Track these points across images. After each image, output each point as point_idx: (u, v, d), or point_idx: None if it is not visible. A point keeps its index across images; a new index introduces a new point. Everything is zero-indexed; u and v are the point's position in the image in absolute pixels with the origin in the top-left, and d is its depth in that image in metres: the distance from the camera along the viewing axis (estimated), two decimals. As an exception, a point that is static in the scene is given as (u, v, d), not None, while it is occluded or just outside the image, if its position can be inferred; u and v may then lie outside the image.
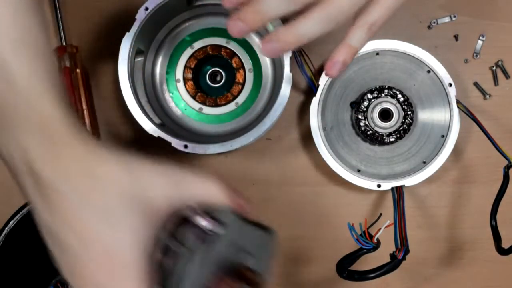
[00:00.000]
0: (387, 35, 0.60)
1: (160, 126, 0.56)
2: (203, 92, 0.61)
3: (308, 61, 0.58)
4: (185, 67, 0.61)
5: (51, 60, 0.37)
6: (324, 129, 0.59)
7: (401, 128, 0.59)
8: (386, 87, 0.59)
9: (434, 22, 0.63)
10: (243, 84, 0.61)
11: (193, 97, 0.61)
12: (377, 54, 0.59)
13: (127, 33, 0.54)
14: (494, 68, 0.63)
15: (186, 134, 0.61)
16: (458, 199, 0.64)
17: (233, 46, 0.61)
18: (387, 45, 0.58)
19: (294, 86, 0.62)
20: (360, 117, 0.59)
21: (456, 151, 0.62)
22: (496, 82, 0.63)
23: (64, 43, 0.61)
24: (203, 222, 0.36)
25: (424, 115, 0.60)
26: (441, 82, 0.59)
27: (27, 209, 0.57)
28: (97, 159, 0.35)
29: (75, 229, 0.34)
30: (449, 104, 0.59)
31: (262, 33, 0.60)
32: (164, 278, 0.36)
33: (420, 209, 0.64)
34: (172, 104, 0.61)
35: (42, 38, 0.37)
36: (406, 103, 0.59)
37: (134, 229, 0.34)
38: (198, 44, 0.61)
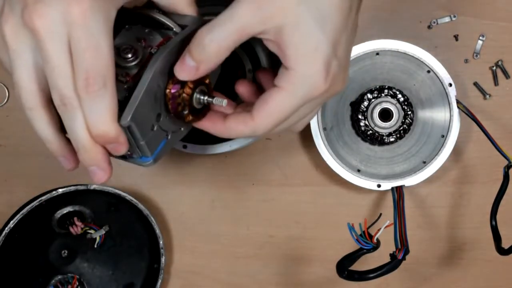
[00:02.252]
0: (387, 35, 0.60)
1: (160, 126, 0.56)
2: (203, 92, 0.61)
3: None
4: (185, 67, 0.61)
5: None
6: (324, 129, 0.59)
7: (401, 128, 0.59)
8: (386, 87, 0.59)
9: (434, 22, 0.63)
10: (243, 84, 0.61)
11: (193, 97, 0.61)
12: (377, 54, 0.59)
13: (127, 33, 0.54)
14: (494, 68, 0.63)
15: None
16: (458, 199, 0.64)
17: (233, 46, 0.61)
18: (387, 45, 0.58)
19: (294, 86, 0.62)
20: (360, 117, 0.59)
21: (456, 151, 0.62)
22: (496, 82, 0.63)
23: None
24: (165, 20, 0.38)
25: (424, 115, 0.60)
26: (441, 82, 0.59)
27: (27, 209, 0.57)
28: None
29: None
30: (449, 104, 0.59)
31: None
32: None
33: (420, 209, 0.64)
34: (172, 104, 0.61)
35: None
36: (406, 103, 0.59)
37: None
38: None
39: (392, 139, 0.59)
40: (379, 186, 0.58)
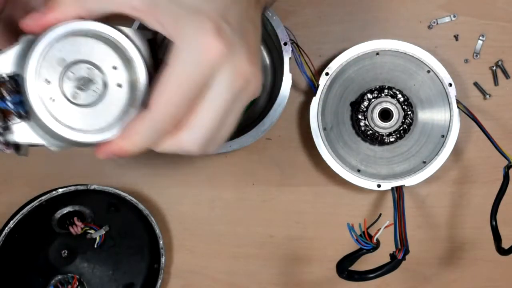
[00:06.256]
0: (387, 35, 0.60)
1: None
2: (203, 92, 0.61)
3: (308, 61, 0.58)
4: (185, 67, 0.61)
5: None
6: (324, 129, 0.59)
7: (401, 128, 0.59)
8: (386, 87, 0.59)
9: (434, 22, 0.63)
10: (243, 84, 0.60)
11: (193, 97, 0.61)
12: (377, 54, 0.59)
13: (127, 33, 0.54)
14: (494, 68, 0.63)
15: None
16: (458, 199, 0.64)
17: (233, 46, 0.60)
18: (387, 45, 0.58)
19: (294, 86, 0.62)
20: (360, 117, 0.59)
21: (456, 151, 0.62)
22: (496, 82, 0.63)
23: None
24: None
25: (424, 115, 0.60)
26: (441, 82, 0.59)
27: (27, 209, 0.57)
28: None
29: None
30: (449, 104, 0.59)
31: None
32: None
33: (420, 209, 0.64)
34: (172, 104, 0.61)
35: None
36: (406, 103, 0.59)
37: None
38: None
39: (392, 139, 0.59)
40: (379, 186, 0.58)
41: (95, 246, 0.61)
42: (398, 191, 0.57)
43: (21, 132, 0.35)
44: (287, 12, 0.62)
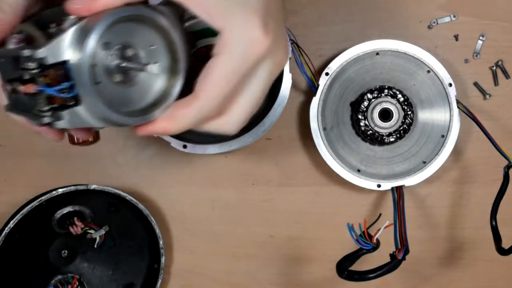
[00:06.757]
0: (387, 35, 0.60)
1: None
2: (203, 92, 0.61)
3: (308, 61, 0.58)
4: (185, 67, 0.61)
5: None
6: (324, 129, 0.59)
7: (401, 128, 0.59)
8: (386, 87, 0.59)
9: (434, 22, 0.63)
10: (243, 84, 0.60)
11: (193, 97, 0.61)
12: (377, 54, 0.59)
13: (127, 33, 0.54)
14: (494, 68, 0.63)
15: (185, 134, 0.61)
16: (458, 199, 0.64)
17: (233, 46, 0.60)
18: (387, 45, 0.58)
19: (294, 86, 0.62)
20: (360, 117, 0.59)
21: (456, 151, 0.62)
22: (496, 82, 0.63)
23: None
24: None
25: (424, 115, 0.60)
26: (441, 82, 0.59)
27: (27, 209, 0.57)
28: None
29: None
30: (449, 104, 0.59)
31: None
32: None
33: (420, 209, 0.64)
34: (172, 104, 0.61)
35: None
36: (406, 103, 0.59)
37: None
38: (198, 44, 0.61)
39: (392, 139, 0.59)
40: (379, 186, 0.58)
41: (95, 246, 0.61)
42: (398, 191, 0.57)
43: (69, 117, 0.35)
44: (287, 12, 0.62)
